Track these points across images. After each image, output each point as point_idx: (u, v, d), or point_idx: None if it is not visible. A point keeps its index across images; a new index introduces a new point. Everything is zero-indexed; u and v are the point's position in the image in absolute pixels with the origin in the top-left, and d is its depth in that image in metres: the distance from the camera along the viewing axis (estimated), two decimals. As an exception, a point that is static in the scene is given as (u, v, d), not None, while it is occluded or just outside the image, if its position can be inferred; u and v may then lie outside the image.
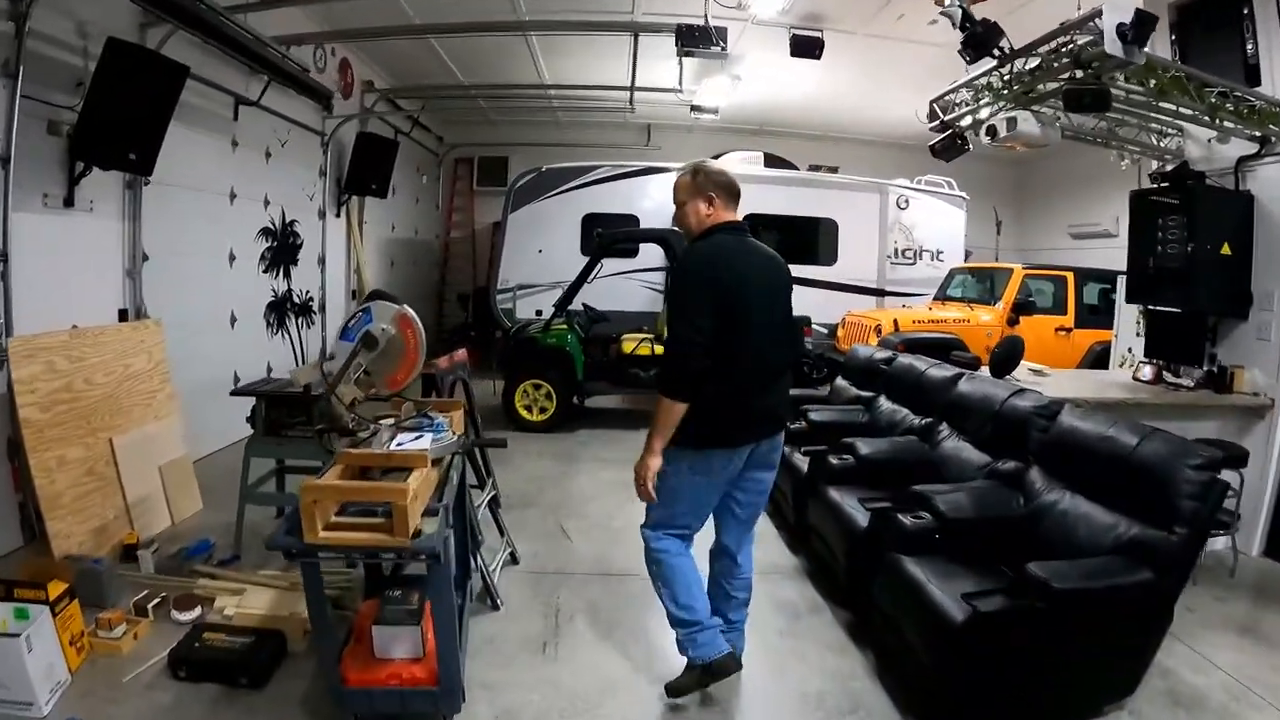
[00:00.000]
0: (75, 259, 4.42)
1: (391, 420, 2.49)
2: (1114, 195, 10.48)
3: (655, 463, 2.45)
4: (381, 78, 8.83)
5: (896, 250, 9.93)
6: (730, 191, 2.57)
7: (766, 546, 4.22)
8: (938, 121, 5.49)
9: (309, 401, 3.26)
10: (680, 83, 8.22)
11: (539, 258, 9.24)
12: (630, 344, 7.07)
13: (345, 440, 2.38)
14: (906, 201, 9.95)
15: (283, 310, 6.87)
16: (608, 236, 7.23)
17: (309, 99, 6.82)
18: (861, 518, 3.37)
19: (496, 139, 12.19)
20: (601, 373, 7.14)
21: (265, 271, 6.51)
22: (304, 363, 7.32)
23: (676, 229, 3.04)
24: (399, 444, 2.23)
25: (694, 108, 9.52)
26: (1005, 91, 4.79)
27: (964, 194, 10.08)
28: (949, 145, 5.28)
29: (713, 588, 2.80)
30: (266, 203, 6.46)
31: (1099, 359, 7.40)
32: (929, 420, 4.25)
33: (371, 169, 7.98)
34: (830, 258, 9.77)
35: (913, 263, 10.02)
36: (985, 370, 4.68)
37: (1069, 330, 8.12)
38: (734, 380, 2.43)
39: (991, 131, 4.80)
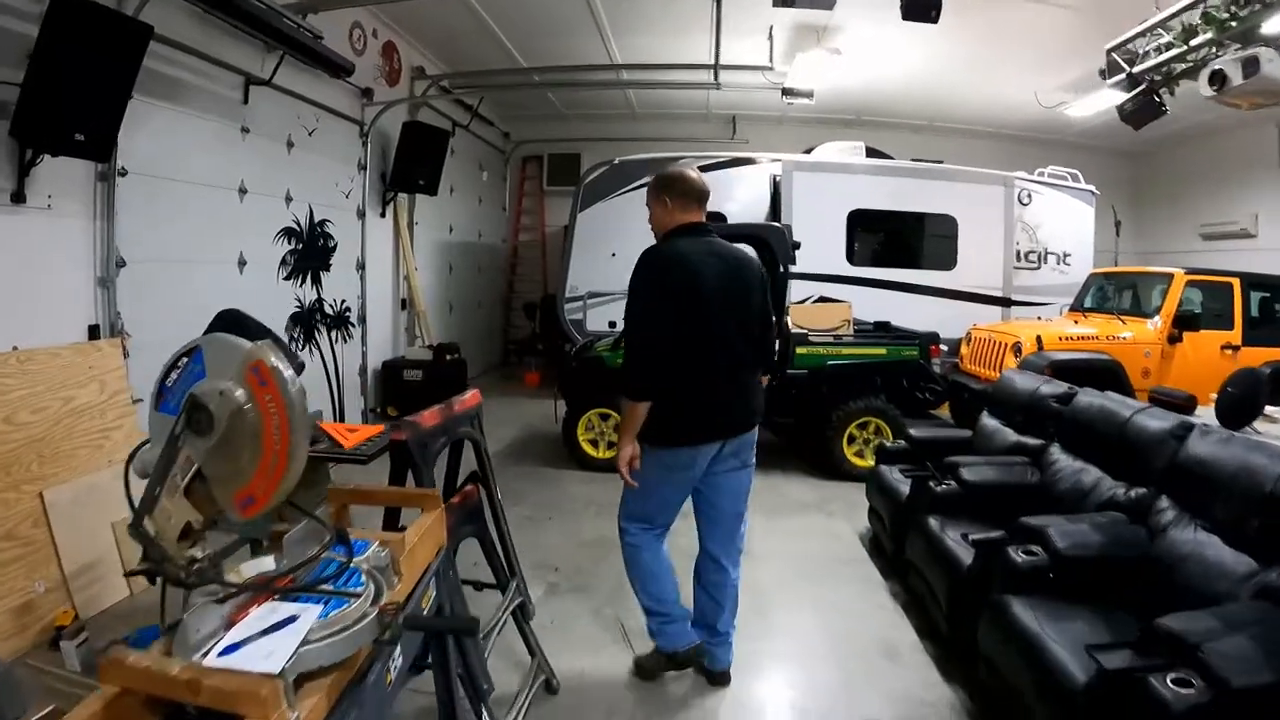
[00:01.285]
0: (29, 265, 3.62)
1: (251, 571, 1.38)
2: (1255, 189, 8.84)
3: (627, 452, 2.55)
4: (433, 63, 7.95)
5: (1019, 253, 8.52)
6: (687, 194, 2.59)
7: (860, 579, 3.92)
8: (1120, 77, 4.09)
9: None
10: (770, 58, 7.01)
11: (612, 262, 8.14)
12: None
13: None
14: (1029, 196, 8.49)
15: (310, 323, 6.02)
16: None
17: (345, 82, 5.99)
18: (965, 553, 2.96)
19: (567, 134, 11.24)
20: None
21: (288, 279, 5.66)
22: (340, 382, 6.49)
23: (777, 224, 3.14)
24: (227, 648, 1.14)
25: (785, 91, 8.26)
26: (1230, 23, 3.42)
27: (1092, 187, 8.50)
28: (1143, 105, 3.91)
29: (701, 597, 2.83)
30: (289, 199, 5.61)
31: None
32: (1142, 493, 2.91)
33: (419, 162, 7.10)
34: (947, 261, 8.35)
35: (1036, 267, 8.57)
36: (1201, 411, 3.30)
37: (1236, 349, 6.46)
38: (694, 379, 2.49)
39: (1218, 79, 3.41)
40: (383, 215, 7.24)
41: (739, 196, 8.13)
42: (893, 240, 8.59)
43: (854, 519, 4.74)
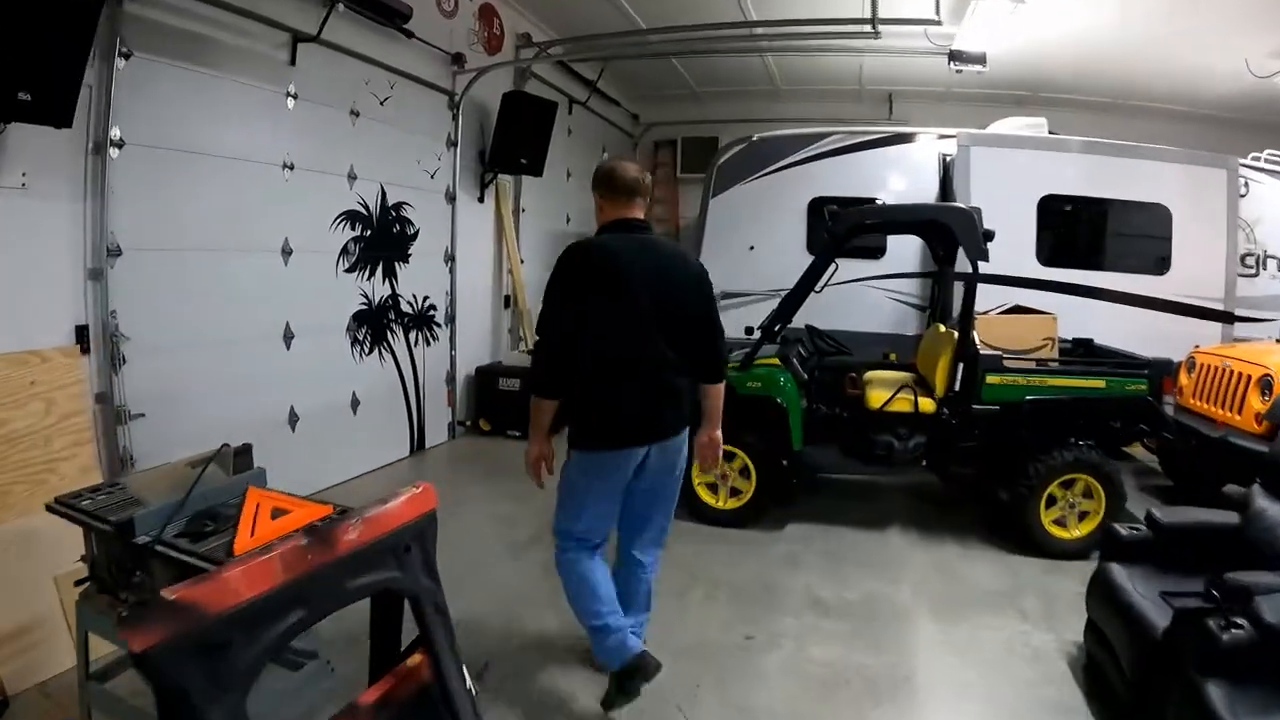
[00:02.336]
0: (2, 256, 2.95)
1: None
2: None
3: (534, 451, 2.49)
4: (541, 30, 6.99)
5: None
6: (617, 188, 2.47)
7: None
8: None
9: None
10: (936, 10, 5.48)
11: (750, 257, 6.91)
12: (880, 393, 4.35)
13: None
14: (1246, 186, 6.45)
15: (381, 322, 5.22)
16: (846, 219, 4.48)
17: (431, 46, 5.16)
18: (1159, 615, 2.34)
19: (702, 115, 10.01)
20: (831, 435, 4.49)
21: (350, 270, 4.87)
22: (420, 390, 5.67)
23: (962, 206, 2.87)
24: None
25: (953, 56, 6.63)
26: None
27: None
28: None
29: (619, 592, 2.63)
30: (352, 177, 4.80)
31: None
32: None
33: (522, 138, 6.17)
34: (1157, 263, 6.39)
35: (1254, 273, 6.57)
36: None
37: None
38: (612, 380, 2.37)
39: None
40: (480, 199, 6.38)
41: (896, 181, 6.69)
42: (1090, 235, 6.72)
43: (1056, 624, 3.28)
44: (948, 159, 6.60)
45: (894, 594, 3.59)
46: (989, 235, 4.06)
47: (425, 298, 5.71)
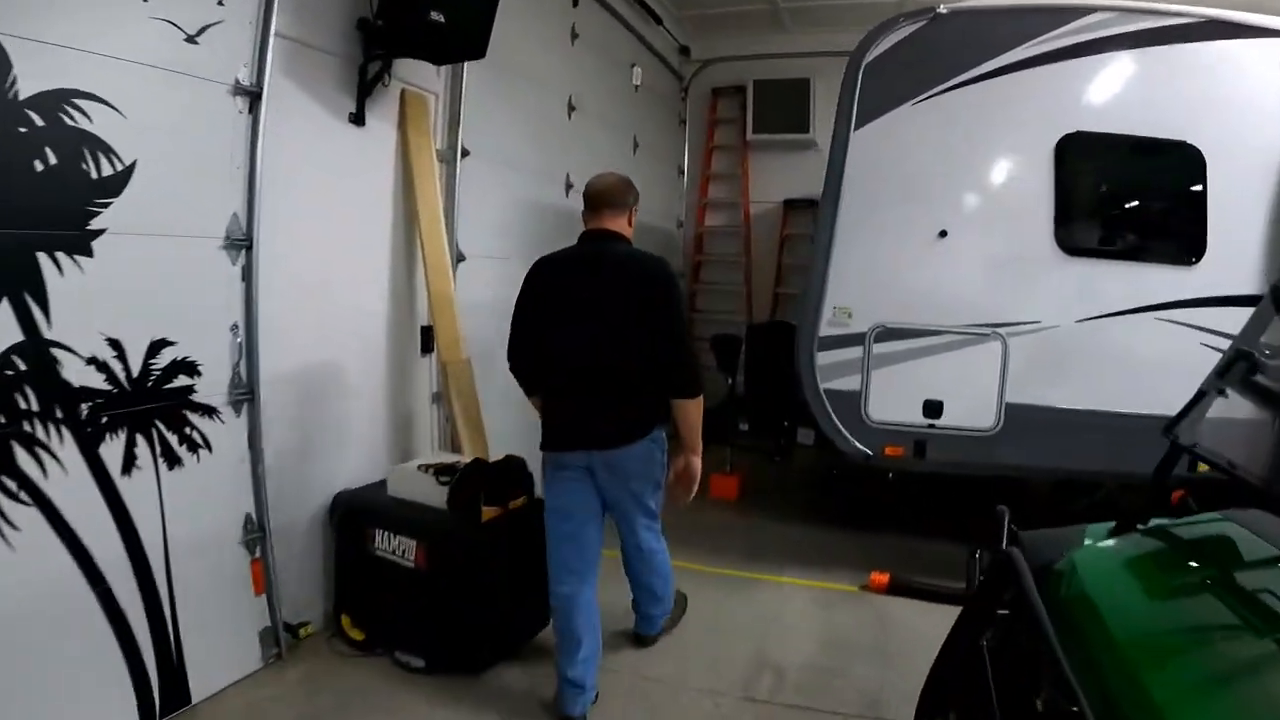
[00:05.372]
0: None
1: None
2: None
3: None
4: None
5: None
6: (586, 200, 2.54)
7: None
8: None
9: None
10: None
11: (937, 248, 3.40)
12: None
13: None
14: None
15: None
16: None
17: None
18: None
19: (788, 46, 6.51)
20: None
21: None
22: (169, 565, 2.14)
23: None
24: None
25: None
26: None
27: None
28: None
29: (632, 587, 2.84)
30: None
31: None
32: None
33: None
34: None
35: None
36: None
37: None
38: (550, 388, 2.49)
39: None
40: (356, 119, 2.90)
41: (1221, 112, 3.41)
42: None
43: None
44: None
45: None
46: None
47: (159, 344, 2.23)
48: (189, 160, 2.31)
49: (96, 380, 2.08)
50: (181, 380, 2.34)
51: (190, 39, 2.24)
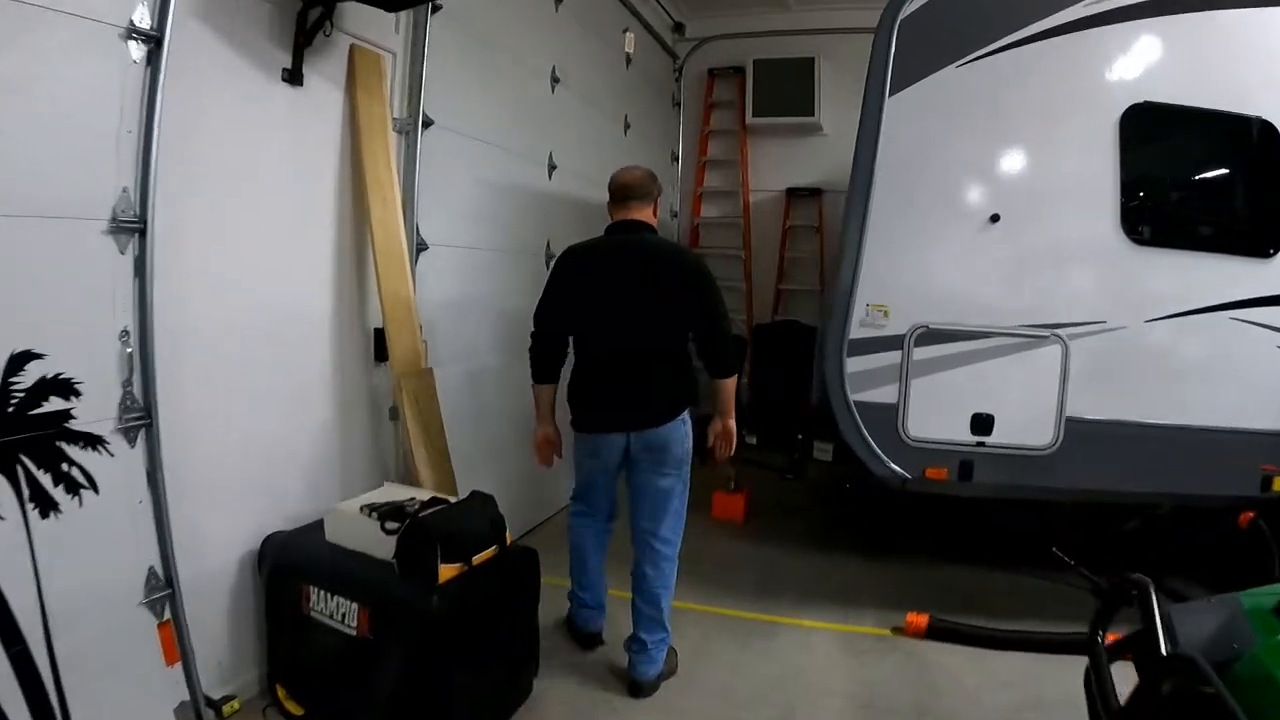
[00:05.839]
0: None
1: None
2: None
3: (540, 432, 2.68)
4: None
5: None
6: (611, 193, 2.59)
7: None
8: None
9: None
10: None
11: (990, 234, 2.88)
12: None
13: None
14: None
15: None
16: None
17: None
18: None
19: (790, 25, 6.04)
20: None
21: None
22: (49, 638, 1.63)
23: None
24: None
25: None
26: None
27: None
28: None
29: (632, 608, 2.69)
30: None
31: None
32: None
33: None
34: None
35: None
36: None
37: None
38: (585, 372, 2.58)
39: None
40: (291, 77, 2.37)
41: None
42: None
43: None
44: None
45: None
46: None
47: (21, 357, 1.72)
48: (64, 121, 1.78)
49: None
50: (54, 403, 1.81)
51: None
